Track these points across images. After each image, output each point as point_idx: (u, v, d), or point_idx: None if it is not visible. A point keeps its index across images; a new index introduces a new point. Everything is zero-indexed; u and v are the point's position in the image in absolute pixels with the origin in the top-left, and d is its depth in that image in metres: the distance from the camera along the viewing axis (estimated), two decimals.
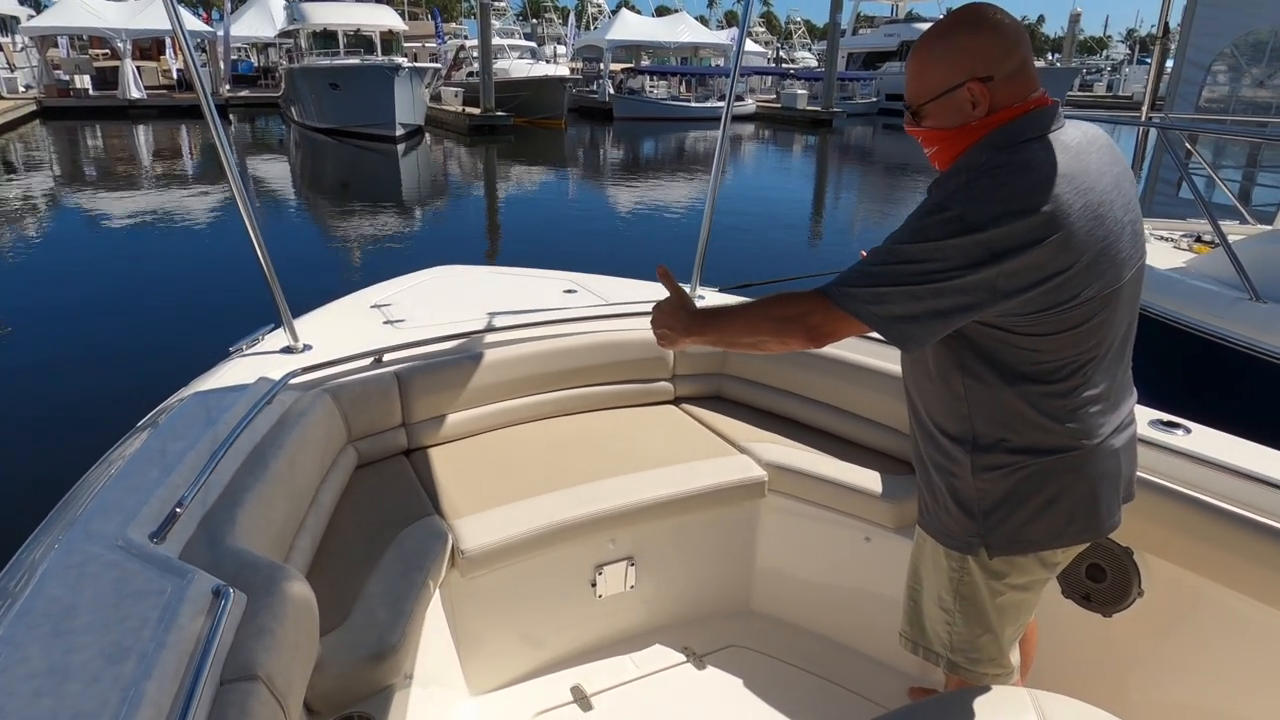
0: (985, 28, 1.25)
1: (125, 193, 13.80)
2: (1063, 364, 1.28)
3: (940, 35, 1.29)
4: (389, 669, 1.62)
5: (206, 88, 2.11)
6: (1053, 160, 1.20)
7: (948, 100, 1.28)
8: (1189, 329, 4.02)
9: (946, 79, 1.27)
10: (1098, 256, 1.22)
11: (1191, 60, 8.31)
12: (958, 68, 1.26)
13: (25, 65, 31.46)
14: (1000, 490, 1.37)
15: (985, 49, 1.25)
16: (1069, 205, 1.18)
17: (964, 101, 1.27)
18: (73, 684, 1.08)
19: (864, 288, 1.23)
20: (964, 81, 1.26)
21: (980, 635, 1.51)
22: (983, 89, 1.25)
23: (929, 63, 1.30)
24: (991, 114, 1.26)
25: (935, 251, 1.18)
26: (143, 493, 1.55)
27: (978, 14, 1.26)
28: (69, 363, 6.19)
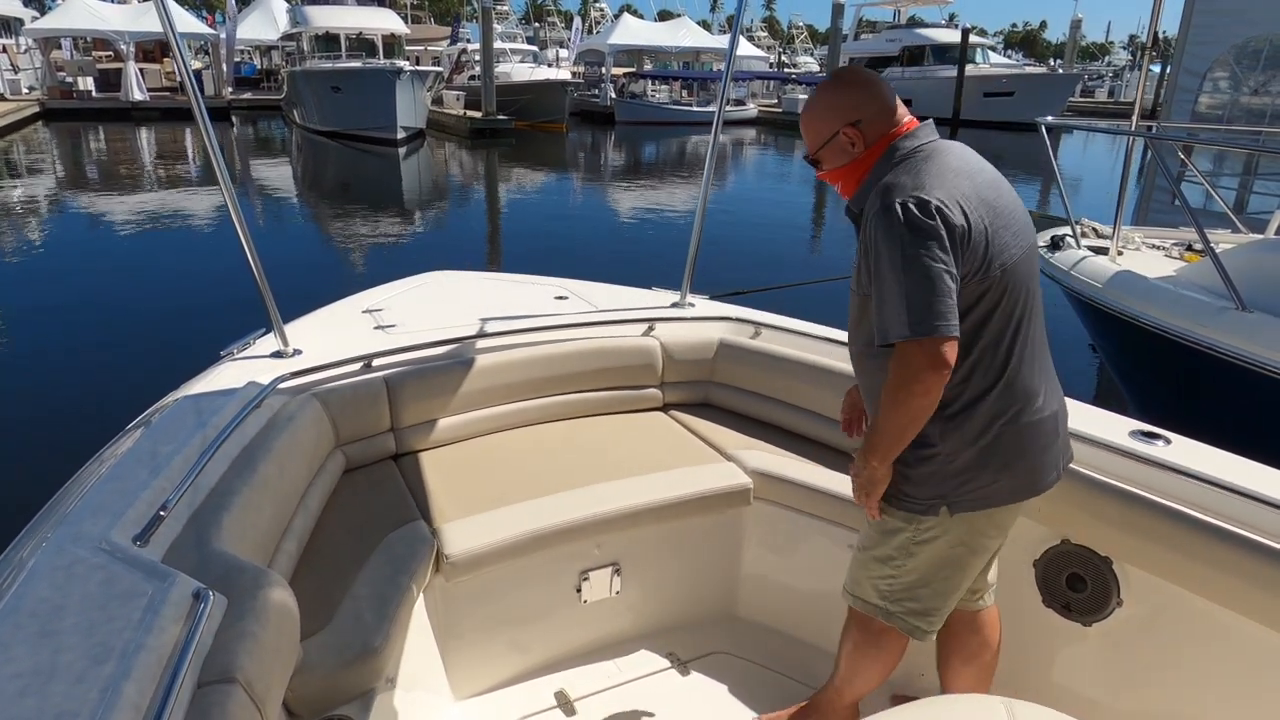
0: (845, 85, 1.60)
1: (125, 195, 13.84)
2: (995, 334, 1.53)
3: (815, 99, 1.63)
4: (371, 672, 1.63)
5: (201, 94, 2.14)
6: (942, 159, 1.51)
7: (833, 146, 1.61)
8: (1175, 338, 4.03)
9: (826, 130, 1.60)
10: (998, 230, 1.49)
11: (1188, 68, 8.33)
12: (831, 120, 1.59)
13: (29, 67, 31.54)
14: (962, 454, 1.57)
15: (849, 101, 1.58)
16: (966, 187, 1.48)
17: (844, 144, 1.59)
18: (57, 684, 1.10)
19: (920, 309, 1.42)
20: (839, 129, 1.58)
21: (919, 586, 1.71)
22: (855, 131, 1.58)
23: (811, 121, 1.63)
24: (870, 147, 1.58)
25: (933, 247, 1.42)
26: (129, 495, 1.57)
27: (840, 75, 1.62)
28: (60, 364, 6.21)
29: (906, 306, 1.43)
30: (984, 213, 1.48)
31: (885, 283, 1.46)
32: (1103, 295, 4.58)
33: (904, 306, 1.43)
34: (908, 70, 38.83)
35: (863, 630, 1.85)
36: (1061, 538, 2.04)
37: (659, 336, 2.91)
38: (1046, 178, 19.79)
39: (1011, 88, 34.59)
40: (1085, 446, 2.03)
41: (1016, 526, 2.12)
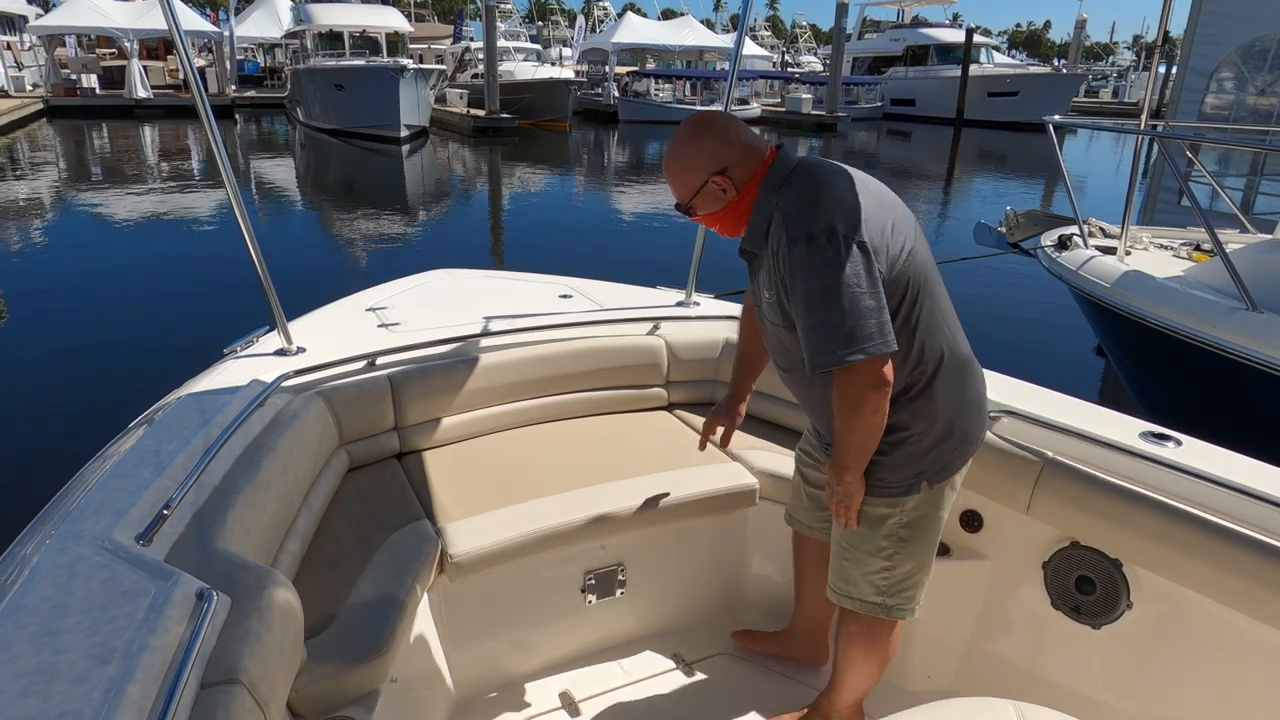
0: (705, 134, 1.58)
1: (129, 193, 13.84)
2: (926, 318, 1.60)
3: (678, 151, 1.59)
4: (375, 673, 1.62)
5: (205, 91, 2.12)
6: (827, 181, 1.53)
7: (704, 194, 1.60)
8: (1185, 338, 4.01)
9: (695, 181, 1.59)
10: (895, 228, 1.55)
11: (1194, 68, 8.29)
12: (699, 172, 1.58)
13: (33, 64, 31.61)
14: (932, 430, 1.66)
15: (712, 150, 1.57)
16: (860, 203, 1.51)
17: (716, 192, 1.59)
18: (59, 684, 1.08)
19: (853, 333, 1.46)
20: (707, 179, 1.58)
21: (915, 571, 1.80)
22: (724, 179, 1.58)
23: (679, 173, 1.60)
24: (743, 187, 1.59)
25: (853, 273, 1.45)
26: (132, 493, 1.56)
27: (697, 125, 1.59)
28: (64, 361, 6.21)
29: (835, 335, 1.47)
30: (880, 219, 1.53)
31: (811, 313, 1.49)
32: (1111, 295, 4.55)
33: (833, 335, 1.47)
34: (911, 70, 38.82)
35: (859, 628, 1.88)
36: (1070, 540, 2.03)
37: (664, 335, 2.90)
38: (1051, 177, 19.75)
39: (1016, 88, 34.55)
40: (1095, 448, 2.02)
41: (1024, 528, 2.11)
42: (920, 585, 1.83)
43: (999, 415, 2.20)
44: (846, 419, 1.57)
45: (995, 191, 17.26)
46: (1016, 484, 2.06)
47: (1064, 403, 2.24)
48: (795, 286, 1.50)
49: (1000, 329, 7.76)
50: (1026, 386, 2.35)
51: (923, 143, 29.29)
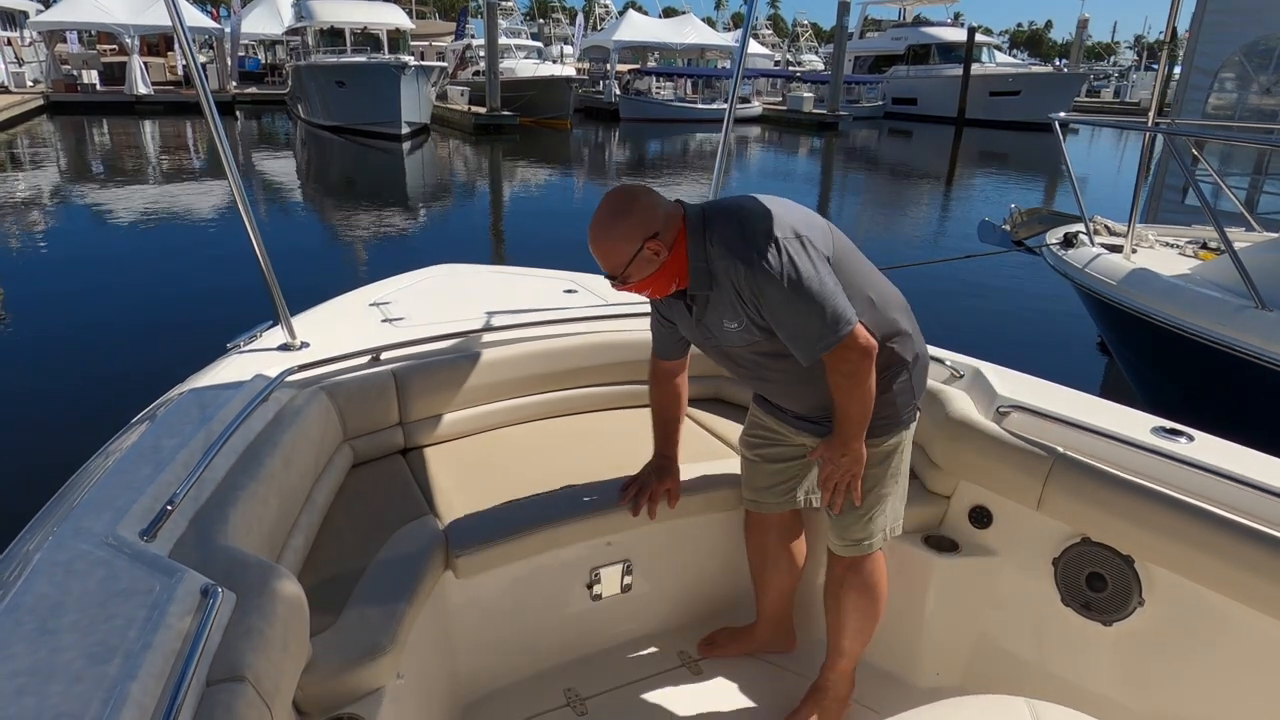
0: (631, 207, 1.67)
1: (129, 188, 13.83)
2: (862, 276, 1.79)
3: (606, 227, 1.67)
4: (381, 670, 1.60)
5: (207, 86, 2.11)
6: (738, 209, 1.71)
7: (639, 261, 1.68)
8: (1193, 336, 3.99)
9: (629, 250, 1.67)
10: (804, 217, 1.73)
11: (1199, 67, 8.26)
12: (633, 241, 1.66)
13: (33, 60, 31.56)
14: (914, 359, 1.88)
15: (641, 220, 1.67)
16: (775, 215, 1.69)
17: (649, 256, 1.68)
18: (56, 683, 1.06)
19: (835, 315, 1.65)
20: (641, 246, 1.66)
21: (900, 500, 2.00)
22: (656, 243, 1.67)
23: (612, 246, 1.68)
24: (673, 246, 1.70)
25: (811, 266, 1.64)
26: (135, 489, 1.54)
27: (620, 199, 1.69)
28: (66, 357, 6.19)
29: (822, 321, 1.64)
30: (793, 216, 1.71)
31: (791, 316, 1.66)
32: (1118, 293, 4.53)
33: (821, 323, 1.64)
34: (913, 69, 38.79)
35: (861, 573, 2.00)
36: (1081, 536, 2.01)
37: None
38: (1053, 176, 19.73)
39: (1017, 87, 34.53)
40: (1106, 443, 2.00)
41: (1035, 524, 2.09)
42: (905, 499, 2.03)
43: (1009, 410, 2.18)
44: (849, 392, 1.74)
45: (997, 190, 17.25)
46: (1027, 479, 2.05)
47: (1075, 398, 2.23)
48: (768, 298, 1.65)
49: (1003, 326, 7.74)
50: (1037, 382, 2.33)
51: (924, 142, 29.27)
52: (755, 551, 2.27)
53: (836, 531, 1.99)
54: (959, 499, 2.26)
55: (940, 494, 2.27)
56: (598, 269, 3.38)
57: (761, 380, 1.94)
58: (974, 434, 2.15)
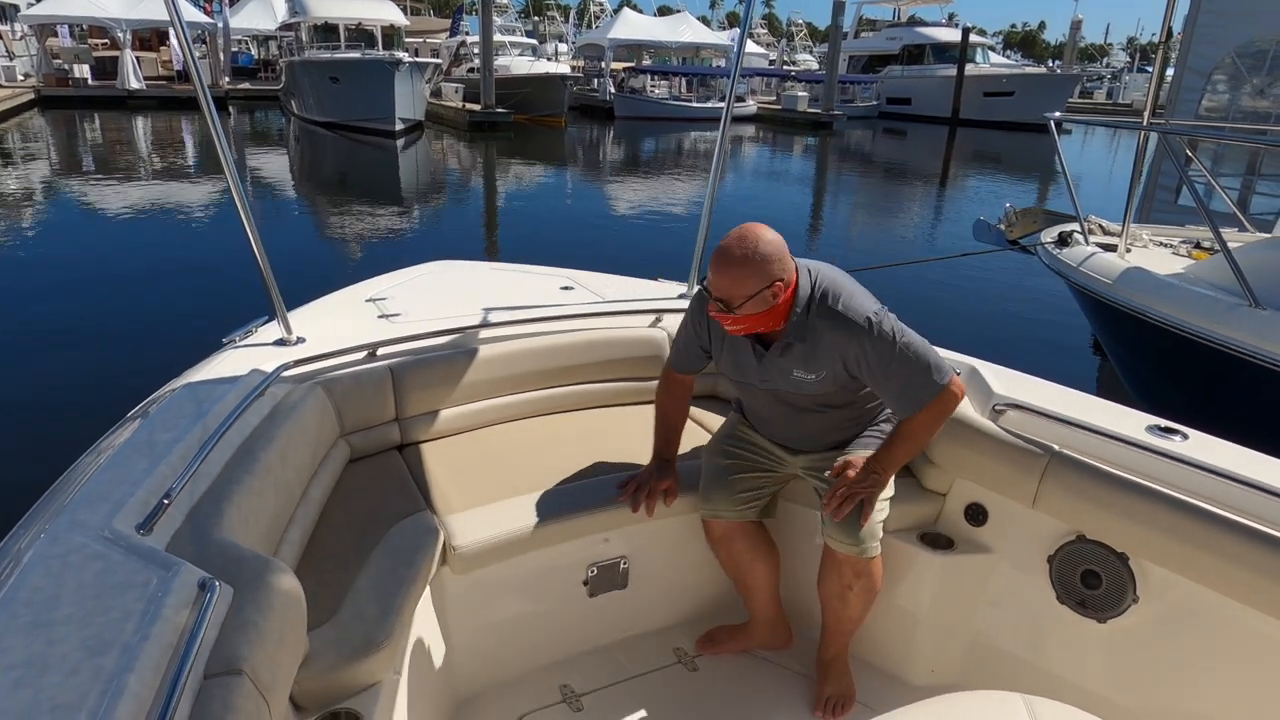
0: (773, 249, 1.83)
1: (122, 183, 13.75)
2: None
3: (747, 258, 1.81)
4: (377, 665, 1.60)
5: (204, 80, 2.10)
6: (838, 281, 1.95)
7: (760, 298, 1.83)
8: (1187, 335, 4.01)
9: (757, 285, 1.82)
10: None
11: (1192, 68, 8.29)
12: (764, 278, 1.82)
13: (24, 54, 31.31)
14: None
15: (779, 262, 1.83)
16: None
17: (768, 297, 1.84)
18: (52, 675, 1.06)
19: (939, 366, 1.91)
20: (771, 284, 1.83)
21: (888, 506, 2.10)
22: (781, 285, 1.85)
23: (744, 276, 1.81)
24: (786, 294, 1.88)
25: (906, 331, 1.91)
26: (130, 483, 1.53)
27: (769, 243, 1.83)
28: (60, 352, 6.15)
29: (929, 373, 1.89)
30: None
31: (898, 374, 1.89)
32: (1112, 292, 4.55)
33: (928, 374, 1.89)
34: (908, 69, 38.86)
35: (867, 578, 2.06)
36: (1076, 533, 2.02)
37: (666, 328, 2.88)
38: (1047, 176, 19.80)
39: (1011, 87, 34.63)
40: (1101, 441, 2.01)
41: (1030, 521, 2.10)
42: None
43: (1005, 408, 2.19)
44: (929, 432, 1.97)
45: (992, 190, 17.30)
46: (1022, 477, 2.05)
47: (1070, 396, 2.23)
48: (883, 360, 1.87)
49: (998, 325, 7.77)
50: (1032, 380, 2.34)
51: (918, 142, 29.33)
52: (728, 562, 2.29)
53: (845, 537, 2.01)
54: (955, 497, 2.26)
55: (936, 491, 2.28)
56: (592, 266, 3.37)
57: (796, 425, 2.11)
58: (970, 432, 2.15)
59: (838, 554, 2.03)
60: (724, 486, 2.19)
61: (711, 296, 1.87)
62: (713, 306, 1.87)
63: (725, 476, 2.19)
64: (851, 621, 2.14)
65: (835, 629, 2.16)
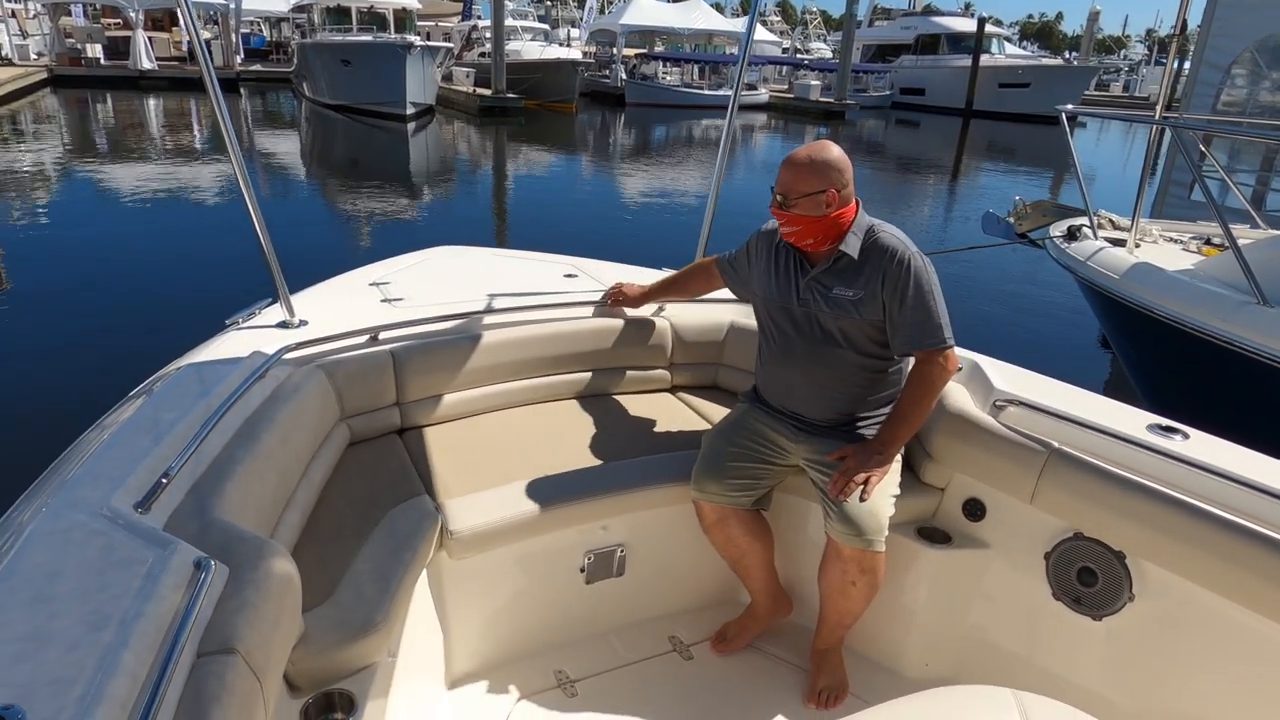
0: (839, 156, 2.00)
1: (132, 164, 13.79)
2: None
3: (815, 159, 1.98)
4: (372, 647, 1.61)
5: (211, 62, 2.09)
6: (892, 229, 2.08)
7: (813, 198, 1.98)
8: (1194, 331, 3.98)
9: (817, 184, 1.97)
10: None
11: (1209, 62, 8.18)
12: (823, 179, 1.97)
13: (38, 33, 31.37)
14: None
15: (840, 170, 1.99)
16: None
17: (821, 201, 1.98)
18: (51, 650, 1.07)
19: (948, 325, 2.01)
20: (827, 188, 1.97)
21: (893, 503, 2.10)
22: (835, 194, 1.98)
23: (805, 174, 1.98)
24: (840, 210, 2.01)
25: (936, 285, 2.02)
26: (130, 462, 1.54)
27: (832, 147, 2.01)
28: (64, 330, 6.19)
29: (941, 322, 1.98)
30: None
31: (918, 308, 1.98)
32: (1120, 287, 4.52)
33: (936, 323, 1.98)
34: (922, 58, 38.51)
35: (871, 574, 2.05)
36: (1074, 531, 2.01)
37: (669, 317, 2.87)
38: (1059, 169, 19.64)
39: (1027, 79, 34.28)
40: (1101, 439, 2.00)
41: (1028, 518, 2.10)
42: None
43: (1005, 404, 2.18)
44: (918, 400, 2.02)
45: (1003, 183, 17.18)
46: (1021, 473, 2.05)
47: (1071, 393, 2.22)
48: (914, 289, 1.97)
49: (1004, 319, 7.73)
50: (1034, 376, 2.33)
51: (931, 132, 29.11)
52: (724, 546, 2.28)
53: (849, 529, 1.98)
54: (953, 491, 2.26)
55: (934, 486, 2.28)
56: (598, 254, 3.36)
57: (810, 366, 2.12)
58: (970, 427, 2.15)
59: (842, 548, 2.00)
60: (717, 470, 2.18)
61: (774, 194, 2.02)
62: (774, 203, 2.02)
63: (721, 461, 2.19)
64: (851, 615, 2.13)
65: (834, 622, 2.15)
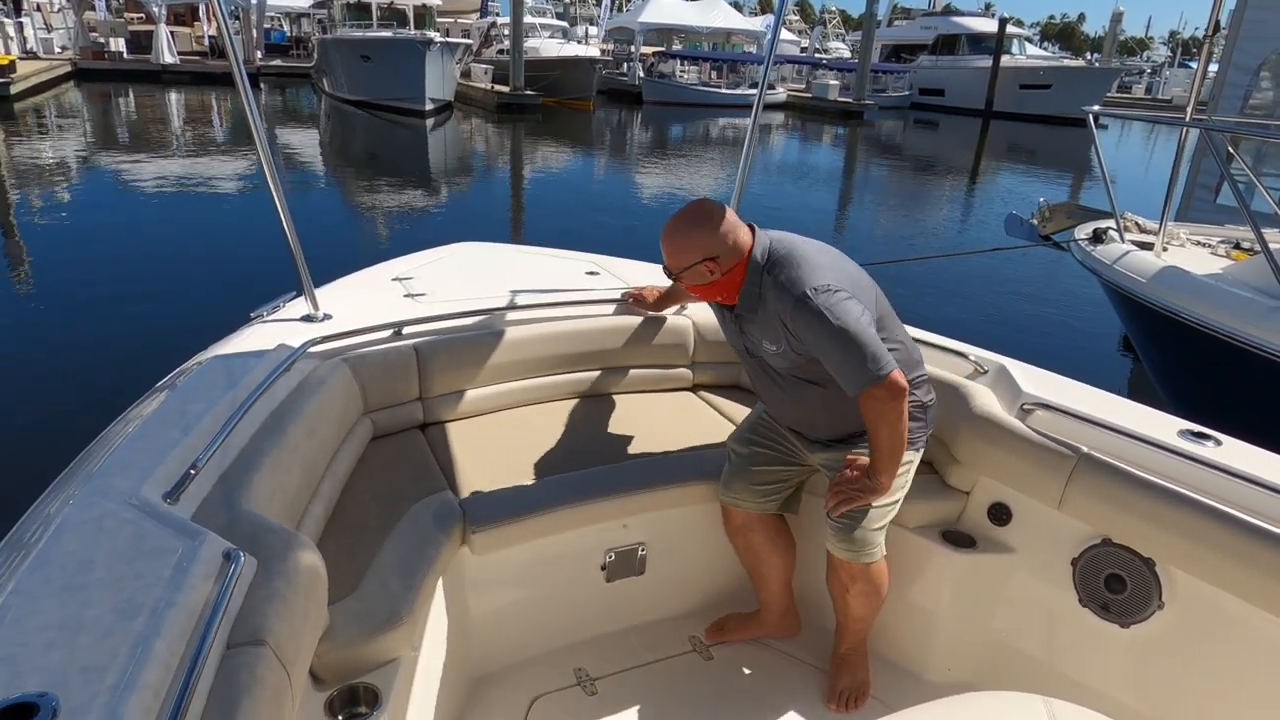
0: (701, 225, 1.83)
1: (155, 157, 13.91)
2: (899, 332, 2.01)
3: (675, 231, 1.85)
4: (397, 641, 1.61)
5: (239, 56, 2.10)
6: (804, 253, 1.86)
7: (692, 272, 1.86)
8: (1223, 336, 3.93)
9: (687, 260, 1.85)
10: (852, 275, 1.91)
11: (1238, 64, 8.08)
12: (692, 253, 1.84)
13: (62, 26, 31.71)
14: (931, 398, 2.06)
15: (705, 241, 1.83)
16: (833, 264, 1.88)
17: (704, 273, 1.85)
18: (84, 637, 1.07)
19: (875, 356, 1.77)
20: (699, 262, 1.84)
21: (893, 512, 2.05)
22: (713, 264, 1.84)
23: (673, 250, 1.86)
24: (729, 272, 1.86)
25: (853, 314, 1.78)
26: (159, 452, 1.55)
27: (694, 216, 1.85)
28: (91, 322, 6.26)
29: (859, 362, 1.76)
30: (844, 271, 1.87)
31: (833, 352, 1.79)
32: (1147, 290, 4.47)
33: (859, 362, 1.76)
34: (941, 59, 38.23)
35: (874, 577, 2.05)
36: (1102, 537, 1.99)
37: (691, 316, 2.86)
38: (1082, 171, 19.46)
39: (1048, 80, 33.95)
40: (1131, 444, 1.97)
41: (1055, 523, 2.07)
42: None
43: (1033, 407, 2.15)
44: (886, 429, 1.83)
45: (1025, 185, 17.03)
46: (1048, 478, 2.02)
47: (1100, 397, 2.20)
48: (815, 335, 1.79)
49: (1027, 322, 7.66)
50: (1062, 379, 2.30)
51: (951, 133, 28.92)
52: (745, 552, 2.29)
53: (841, 541, 2.00)
54: (978, 495, 2.24)
55: (959, 489, 2.25)
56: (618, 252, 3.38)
57: (792, 401, 2.04)
58: (996, 430, 2.13)
59: (834, 558, 2.04)
60: (744, 475, 2.18)
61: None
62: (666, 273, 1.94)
63: (746, 466, 2.18)
64: (857, 620, 2.13)
65: (844, 625, 2.16)
